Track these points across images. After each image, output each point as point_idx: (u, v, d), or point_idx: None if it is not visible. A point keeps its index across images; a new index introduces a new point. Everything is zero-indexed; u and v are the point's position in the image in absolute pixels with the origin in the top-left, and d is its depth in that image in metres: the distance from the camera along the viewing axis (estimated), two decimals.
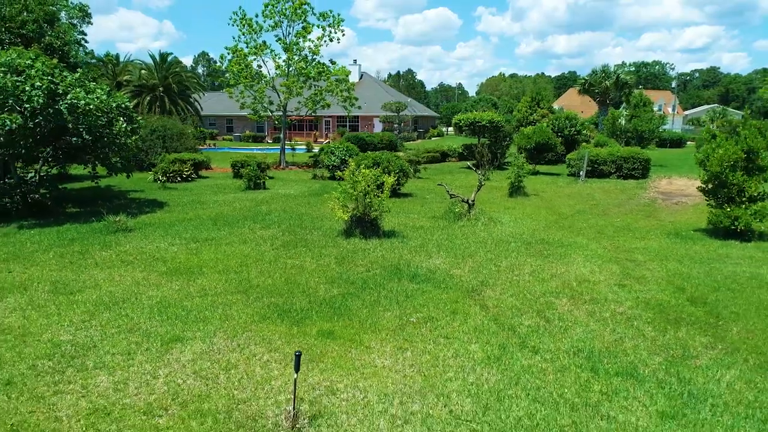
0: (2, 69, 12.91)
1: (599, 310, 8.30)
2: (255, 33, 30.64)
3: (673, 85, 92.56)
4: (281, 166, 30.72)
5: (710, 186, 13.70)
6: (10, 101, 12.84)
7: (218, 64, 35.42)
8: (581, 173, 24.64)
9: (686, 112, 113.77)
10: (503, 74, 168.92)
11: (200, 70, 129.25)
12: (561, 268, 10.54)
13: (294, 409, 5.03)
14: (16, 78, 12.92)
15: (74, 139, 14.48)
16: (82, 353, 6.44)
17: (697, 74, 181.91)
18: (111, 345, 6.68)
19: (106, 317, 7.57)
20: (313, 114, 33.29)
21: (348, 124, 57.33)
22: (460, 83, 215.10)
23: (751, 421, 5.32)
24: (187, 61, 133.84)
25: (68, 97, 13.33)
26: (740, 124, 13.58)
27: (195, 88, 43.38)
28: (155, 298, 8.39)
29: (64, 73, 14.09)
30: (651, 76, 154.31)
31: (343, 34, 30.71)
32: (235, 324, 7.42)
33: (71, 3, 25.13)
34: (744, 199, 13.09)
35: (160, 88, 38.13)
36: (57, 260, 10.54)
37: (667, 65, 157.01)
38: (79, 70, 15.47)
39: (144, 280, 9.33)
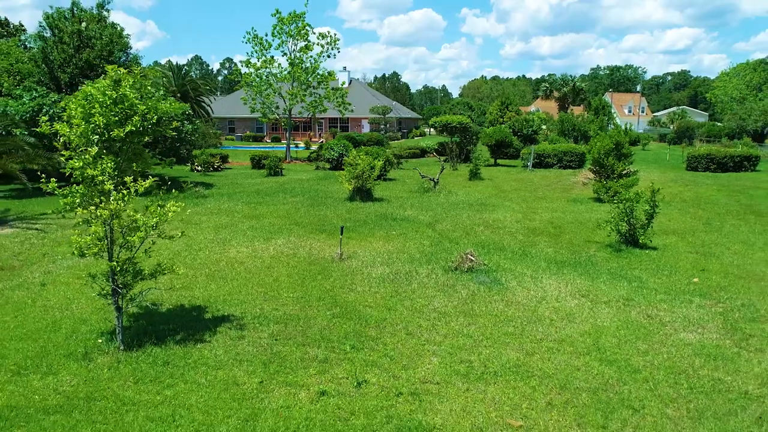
0: None
1: (500, 231, 14.74)
2: (264, 49, 36.83)
3: (638, 88, 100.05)
4: (287, 160, 36.89)
5: (596, 168, 20.27)
6: None
7: (232, 75, 41.39)
8: (529, 164, 31.21)
9: (656, 114, 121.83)
10: (485, 77, 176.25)
11: (193, 74, 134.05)
12: (486, 215, 16.98)
13: (340, 252, 11.36)
14: None
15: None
16: (226, 241, 12.72)
17: (669, 77, 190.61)
18: (238, 240, 12.96)
19: (225, 231, 13.84)
20: (312, 116, 39.50)
21: (339, 125, 63.52)
22: (444, 85, 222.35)
23: (540, 258, 11.71)
24: (178, 62, 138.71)
25: None
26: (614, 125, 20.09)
27: (207, 93, 49.35)
28: (246, 226, 14.66)
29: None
30: (624, 79, 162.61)
31: (339, 51, 37.07)
32: (298, 234, 13.73)
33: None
34: (615, 175, 19.66)
35: (178, 94, 43.97)
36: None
37: (639, 69, 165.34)
38: (161, 88, 21.56)
39: (232, 220, 15.58)
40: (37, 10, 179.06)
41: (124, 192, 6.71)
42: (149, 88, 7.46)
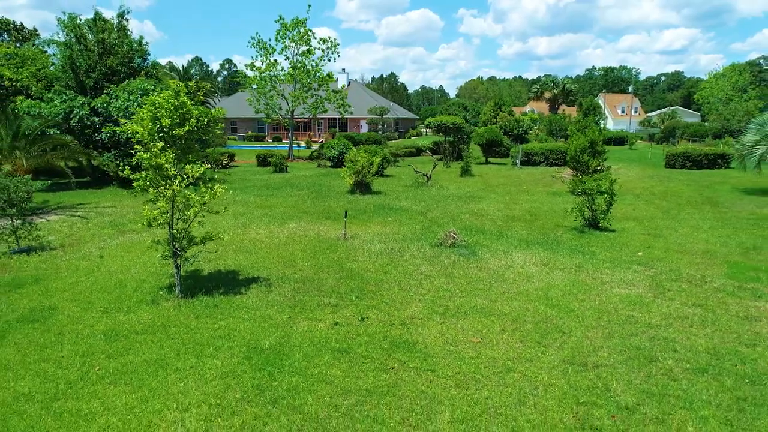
0: (140, 93, 21.04)
1: (482, 218, 16.85)
2: (268, 53, 38.92)
3: (630, 89, 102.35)
4: (290, 159, 38.99)
5: (573, 163, 22.39)
6: None
7: (236, 77, 43.50)
8: (517, 161, 33.35)
9: (648, 114, 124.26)
10: (481, 78, 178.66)
11: (194, 75, 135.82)
12: (472, 205, 19.10)
13: (344, 232, 13.46)
14: None
15: None
16: (246, 225, 14.82)
17: (663, 78, 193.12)
18: (256, 224, 15.06)
19: (244, 217, 15.94)
20: (312, 117, 41.59)
21: (338, 125, 65.64)
22: (441, 86, 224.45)
23: (514, 238, 13.83)
24: (178, 62, 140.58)
25: None
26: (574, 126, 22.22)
27: (211, 94, 51.55)
28: (260, 213, 16.74)
29: None
30: (618, 80, 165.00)
31: (339, 55, 39.19)
32: (307, 220, 15.83)
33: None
34: (590, 171, 21.79)
35: None
36: None
37: (633, 69, 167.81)
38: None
39: (247, 209, 17.66)
40: (35, 11, 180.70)
41: (183, 176, 8.78)
42: (201, 97, 9.53)
